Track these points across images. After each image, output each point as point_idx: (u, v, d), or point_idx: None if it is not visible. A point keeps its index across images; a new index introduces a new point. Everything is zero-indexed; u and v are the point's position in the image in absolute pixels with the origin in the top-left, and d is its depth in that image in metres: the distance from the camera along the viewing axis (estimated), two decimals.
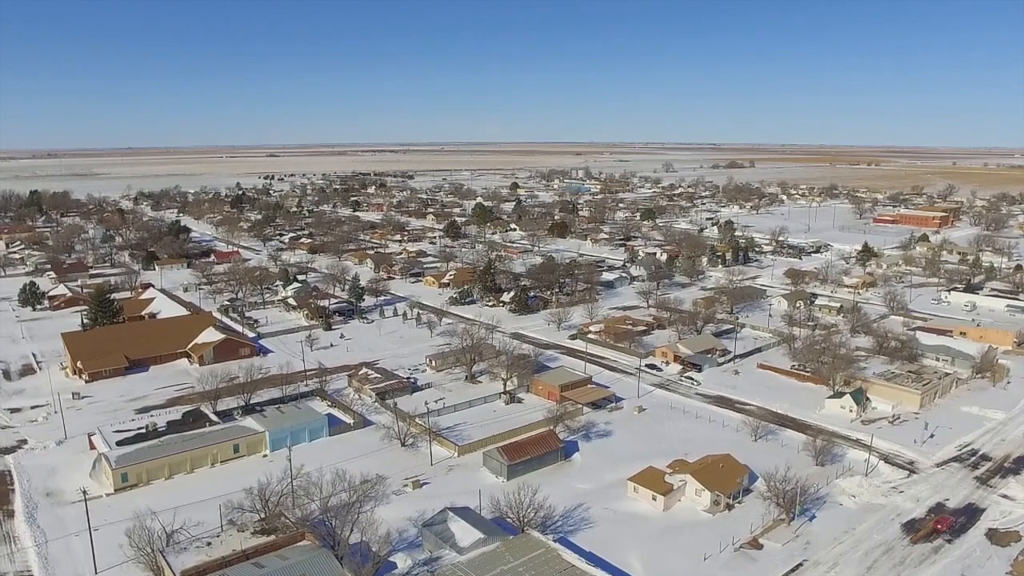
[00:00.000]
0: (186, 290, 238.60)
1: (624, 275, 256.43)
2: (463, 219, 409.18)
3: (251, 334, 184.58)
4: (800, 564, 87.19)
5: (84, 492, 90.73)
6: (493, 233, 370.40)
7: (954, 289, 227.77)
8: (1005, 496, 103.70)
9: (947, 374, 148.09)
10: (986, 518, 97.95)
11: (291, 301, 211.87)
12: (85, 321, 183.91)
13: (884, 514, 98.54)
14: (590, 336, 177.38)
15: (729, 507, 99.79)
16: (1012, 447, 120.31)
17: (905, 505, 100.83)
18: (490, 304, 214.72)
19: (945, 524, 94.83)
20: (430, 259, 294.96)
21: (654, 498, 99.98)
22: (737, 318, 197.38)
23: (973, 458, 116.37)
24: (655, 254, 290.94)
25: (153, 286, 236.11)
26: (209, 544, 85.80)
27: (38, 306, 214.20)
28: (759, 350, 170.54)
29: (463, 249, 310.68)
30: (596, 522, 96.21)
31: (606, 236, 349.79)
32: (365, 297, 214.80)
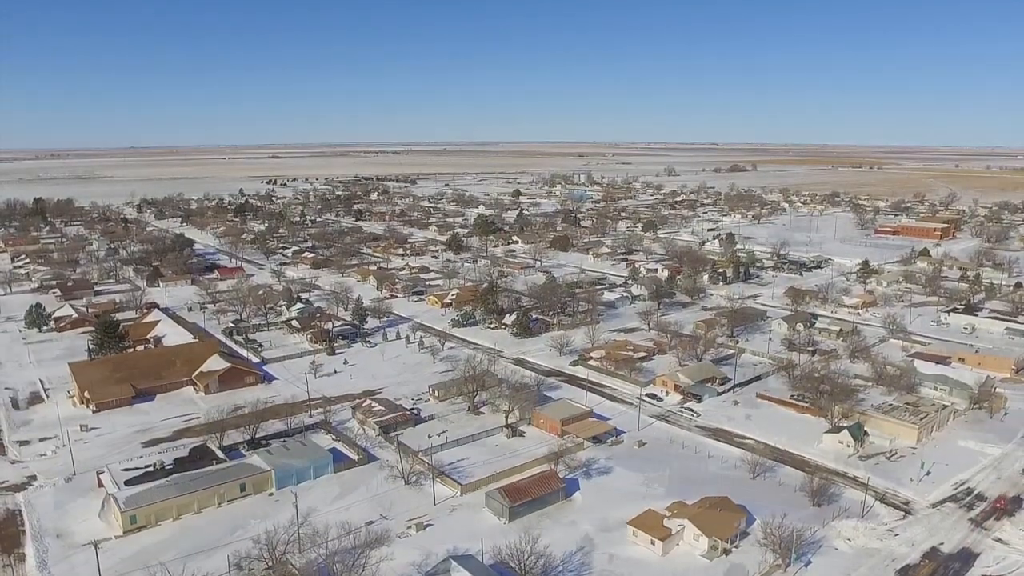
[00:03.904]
0: (190, 310, 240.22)
1: (626, 294, 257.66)
2: (465, 230, 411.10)
3: (255, 359, 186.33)
4: None
5: (96, 546, 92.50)
6: (495, 246, 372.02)
7: (953, 310, 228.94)
8: (999, 540, 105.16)
9: (945, 406, 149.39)
10: (980, 564, 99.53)
11: (294, 323, 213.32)
12: (91, 346, 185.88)
13: (879, 559, 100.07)
14: (591, 363, 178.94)
15: (726, 552, 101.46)
16: (1007, 486, 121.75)
17: (900, 550, 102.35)
18: (492, 327, 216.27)
19: (1003, 504, 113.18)
20: (433, 275, 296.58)
21: (653, 543, 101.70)
22: (737, 342, 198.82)
23: (968, 498, 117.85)
24: (656, 270, 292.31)
25: (158, 306, 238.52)
26: None
27: (44, 327, 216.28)
28: (759, 378, 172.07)
29: (465, 264, 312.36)
30: (596, 568, 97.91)
31: (608, 250, 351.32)
32: (368, 319, 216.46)
